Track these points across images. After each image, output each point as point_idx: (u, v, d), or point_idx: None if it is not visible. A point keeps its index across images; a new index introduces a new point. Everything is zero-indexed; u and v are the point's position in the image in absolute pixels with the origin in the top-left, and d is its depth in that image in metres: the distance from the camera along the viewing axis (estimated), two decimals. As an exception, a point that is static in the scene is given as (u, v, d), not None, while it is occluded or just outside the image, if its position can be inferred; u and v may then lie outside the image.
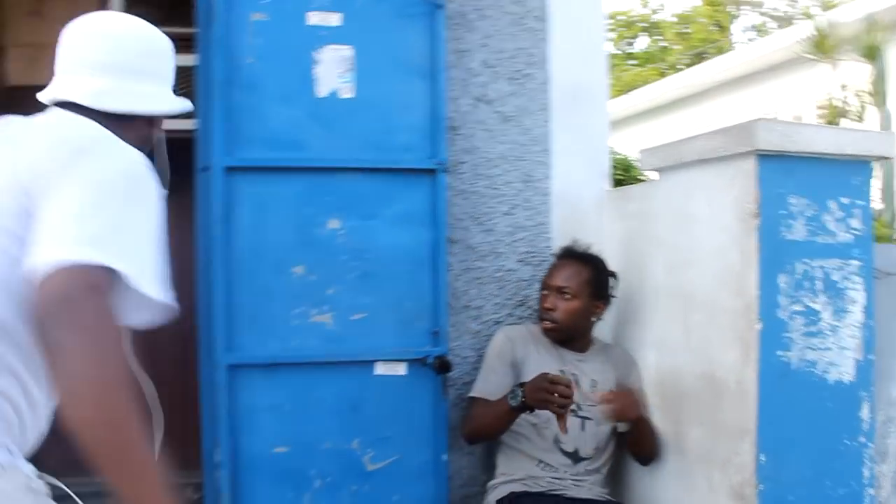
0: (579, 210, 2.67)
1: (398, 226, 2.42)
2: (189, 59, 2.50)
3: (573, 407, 2.23)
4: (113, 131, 1.26)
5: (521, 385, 2.11)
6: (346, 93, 2.39)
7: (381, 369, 2.39)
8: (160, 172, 1.32)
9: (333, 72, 2.39)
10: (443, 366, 2.33)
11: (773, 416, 1.93)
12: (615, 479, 2.52)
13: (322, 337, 2.37)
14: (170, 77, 1.45)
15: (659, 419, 2.31)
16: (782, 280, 1.93)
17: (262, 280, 2.34)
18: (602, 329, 2.56)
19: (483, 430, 2.34)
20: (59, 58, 1.36)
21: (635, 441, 2.30)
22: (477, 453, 2.48)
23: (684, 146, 2.18)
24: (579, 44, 2.70)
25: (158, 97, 1.41)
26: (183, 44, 2.19)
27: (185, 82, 2.33)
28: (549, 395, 2.01)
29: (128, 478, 1.01)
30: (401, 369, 2.40)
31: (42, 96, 1.37)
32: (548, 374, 2.08)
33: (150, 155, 1.36)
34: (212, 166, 2.31)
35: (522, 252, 2.63)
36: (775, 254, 1.92)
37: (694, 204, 2.16)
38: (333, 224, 2.38)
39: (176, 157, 2.42)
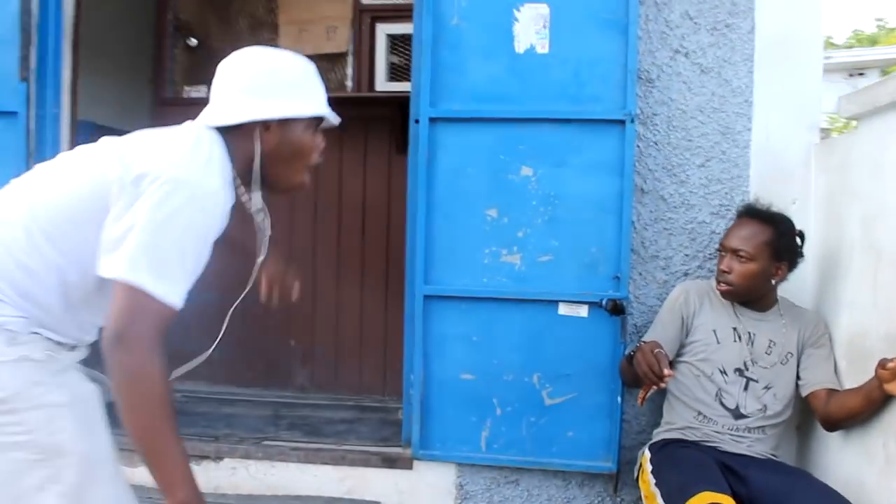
0: (782, 163, 2.68)
1: (587, 174, 2.62)
2: (409, 27, 2.93)
3: (739, 366, 2.34)
4: (228, 144, 1.61)
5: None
6: (542, 48, 2.64)
7: (564, 309, 2.64)
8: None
9: (531, 29, 2.65)
10: (616, 308, 2.51)
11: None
12: (787, 440, 2.57)
13: (510, 276, 2.66)
14: (290, 91, 1.67)
15: (847, 384, 2.29)
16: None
17: (458, 220, 2.67)
18: (801, 288, 2.58)
19: (622, 375, 2.51)
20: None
21: (860, 412, 2.16)
22: (657, 401, 2.63)
23: (879, 89, 2.14)
24: (791, -10, 2.70)
25: (268, 108, 1.64)
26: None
27: (406, 50, 2.74)
28: (645, 362, 2.09)
29: (157, 466, 1.42)
30: (582, 311, 2.62)
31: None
32: (660, 347, 2.15)
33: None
34: (419, 118, 2.71)
35: (716, 205, 2.70)
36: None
37: (887, 151, 2.12)
38: (526, 171, 2.65)
39: (404, 114, 2.88)
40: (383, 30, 3.90)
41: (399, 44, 3.89)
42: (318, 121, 1.72)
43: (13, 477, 1.50)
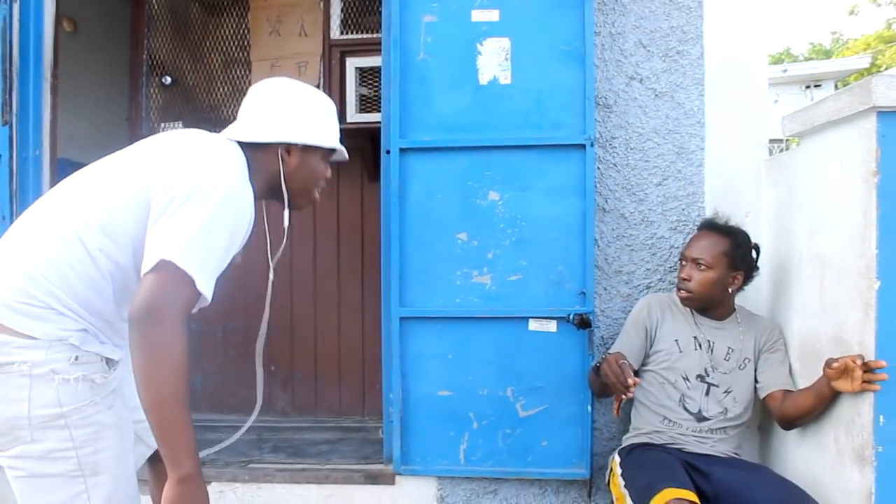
0: (734, 180, 2.84)
1: (551, 197, 2.75)
2: (377, 60, 3.07)
3: (700, 373, 2.48)
4: (249, 160, 1.79)
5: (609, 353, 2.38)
6: (505, 79, 2.78)
7: (534, 325, 2.76)
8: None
9: (494, 61, 2.79)
10: (582, 322, 2.65)
11: (893, 377, 2.01)
12: (749, 439, 2.72)
13: (482, 295, 2.79)
14: (316, 123, 1.90)
15: (800, 384, 2.43)
16: (905, 239, 2.00)
17: (430, 245, 2.79)
18: (757, 297, 2.73)
19: (590, 385, 2.66)
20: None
21: (812, 410, 2.29)
22: (626, 409, 2.75)
23: (816, 109, 2.30)
24: (736, 18, 2.85)
25: (297, 133, 1.86)
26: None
27: (375, 82, 2.87)
28: (611, 373, 2.23)
29: (168, 438, 1.51)
30: (552, 326, 2.75)
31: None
32: (624, 359, 2.29)
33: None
34: (390, 148, 2.83)
35: (674, 220, 2.85)
36: (896, 212, 2.02)
37: (827, 167, 2.28)
38: (493, 196, 2.78)
39: (375, 143, 2.98)
40: (353, 63, 4.02)
41: (368, 76, 4.01)
42: (331, 153, 1.98)
43: (46, 489, 1.60)
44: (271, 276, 1.98)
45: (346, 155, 2.03)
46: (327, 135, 1.92)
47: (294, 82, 1.93)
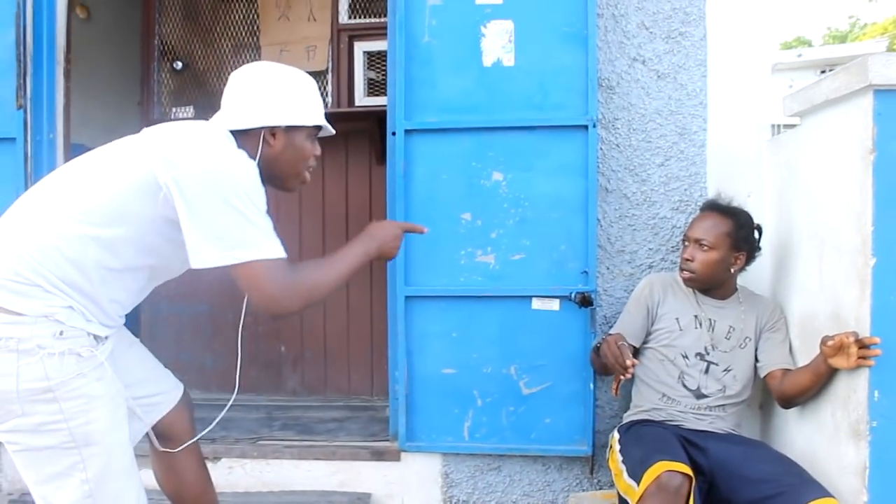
0: (736, 160, 2.85)
1: (554, 177, 2.79)
2: (385, 45, 3.10)
3: (700, 351, 2.51)
4: (238, 145, 1.84)
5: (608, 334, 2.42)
6: (508, 61, 2.81)
7: (537, 304, 2.80)
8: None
9: (497, 43, 2.82)
10: (584, 301, 2.68)
11: (888, 353, 2.03)
12: (749, 417, 2.75)
13: (486, 274, 2.83)
14: (296, 103, 1.92)
15: (800, 362, 2.45)
16: (902, 216, 2.01)
17: (435, 225, 2.80)
18: (759, 277, 2.75)
19: (592, 364, 2.71)
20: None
21: (810, 387, 2.30)
22: (627, 387, 2.79)
23: (815, 89, 2.32)
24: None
25: (277, 116, 1.89)
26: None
27: (383, 65, 2.91)
28: (610, 354, 2.28)
29: (354, 270, 1.95)
30: (554, 305, 2.79)
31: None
32: (623, 340, 2.34)
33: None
34: (395, 130, 2.87)
35: (676, 201, 2.88)
36: (893, 188, 2.02)
37: (826, 146, 2.30)
38: (497, 176, 2.82)
39: (382, 126, 3.01)
40: (361, 48, 4.06)
41: (376, 60, 4.05)
42: (316, 129, 2.00)
43: (43, 461, 1.66)
44: None
45: (332, 130, 2.05)
46: (308, 113, 1.94)
47: (271, 65, 1.96)
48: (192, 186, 1.66)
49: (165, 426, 2.12)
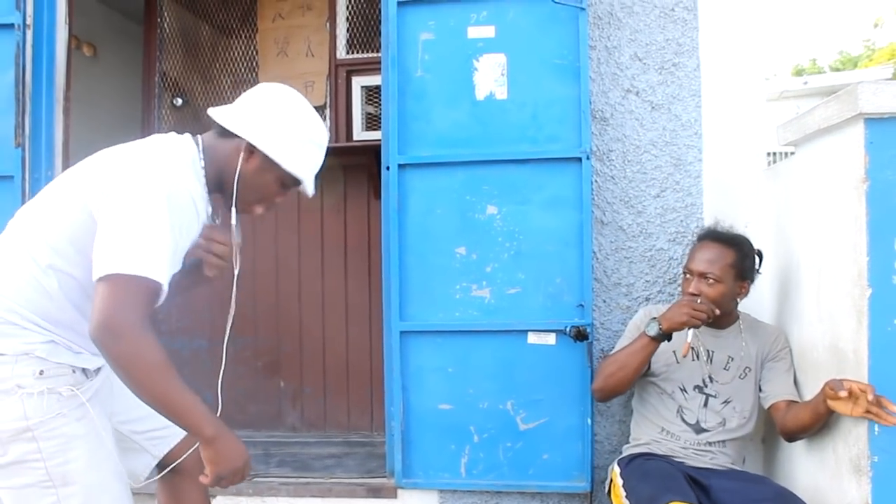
0: (732, 190, 2.83)
1: (548, 210, 2.77)
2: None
3: (698, 383, 2.45)
4: (210, 147, 1.81)
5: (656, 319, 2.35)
6: (501, 94, 2.80)
7: (533, 338, 2.77)
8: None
9: (490, 77, 2.82)
10: (579, 334, 2.64)
11: (887, 385, 1.98)
12: (753, 451, 2.68)
13: (481, 309, 2.79)
14: (294, 144, 1.82)
15: (800, 393, 2.40)
16: (896, 245, 1.99)
17: (430, 259, 2.81)
18: (760, 308, 2.71)
19: (616, 374, 2.42)
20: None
21: (810, 425, 2.23)
22: (627, 421, 2.74)
23: (808, 118, 2.29)
24: (731, 30, 2.86)
25: (268, 141, 1.79)
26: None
27: (380, 100, 2.93)
28: (690, 308, 2.28)
29: (179, 417, 1.61)
30: (550, 339, 2.75)
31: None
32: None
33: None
34: (389, 164, 2.86)
35: (673, 232, 2.85)
36: (886, 218, 1.99)
37: (820, 176, 2.28)
38: (491, 210, 2.80)
39: (380, 161, 3.01)
40: (359, 82, 4.08)
41: (374, 95, 4.07)
42: (295, 180, 1.86)
43: (21, 499, 1.63)
44: (236, 270, 1.91)
45: (311, 192, 1.91)
46: (297, 160, 1.83)
47: (298, 98, 1.87)
48: (106, 204, 1.62)
49: (175, 458, 2.07)
